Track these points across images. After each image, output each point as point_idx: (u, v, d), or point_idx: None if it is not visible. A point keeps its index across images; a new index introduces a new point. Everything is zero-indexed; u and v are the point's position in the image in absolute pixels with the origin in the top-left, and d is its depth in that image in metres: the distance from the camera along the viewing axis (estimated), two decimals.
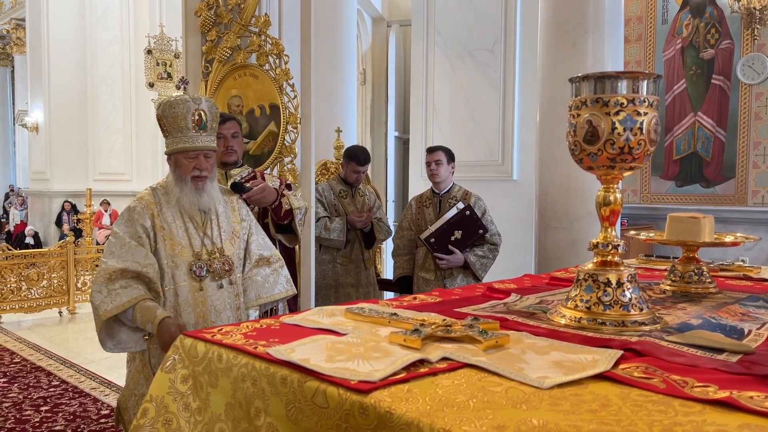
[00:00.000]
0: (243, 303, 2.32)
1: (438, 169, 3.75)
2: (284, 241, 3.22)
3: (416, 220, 3.87)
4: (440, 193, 3.83)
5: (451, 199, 3.78)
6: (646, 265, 1.98)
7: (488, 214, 3.77)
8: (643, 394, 0.82)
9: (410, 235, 3.88)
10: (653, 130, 1.20)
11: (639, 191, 7.62)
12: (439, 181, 3.78)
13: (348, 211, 4.17)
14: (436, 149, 3.85)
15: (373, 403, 0.79)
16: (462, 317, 1.20)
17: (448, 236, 3.64)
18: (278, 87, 4.23)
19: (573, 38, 4.61)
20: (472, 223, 3.65)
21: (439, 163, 3.75)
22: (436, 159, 3.76)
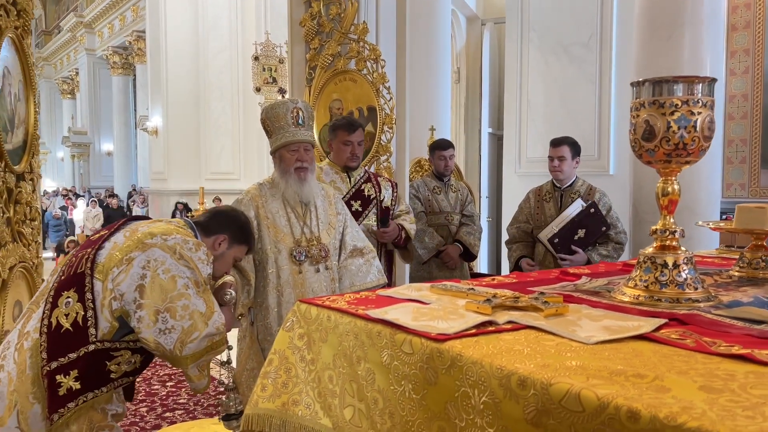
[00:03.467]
0: (338, 288, 2.59)
1: (561, 165, 3.49)
2: (400, 257, 3.59)
3: (534, 214, 3.65)
4: (562, 187, 3.58)
5: (573, 194, 3.53)
6: (725, 255, 2.05)
7: (614, 211, 3.52)
8: (673, 350, 0.98)
9: (527, 228, 3.68)
10: (707, 128, 1.33)
11: (747, 185, 7.28)
12: (562, 177, 3.53)
13: (441, 207, 4.28)
14: (560, 143, 3.54)
15: (448, 348, 1.01)
16: (532, 294, 1.39)
17: (571, 235, 3.39)
18: (375, 90, 4.51)
19: (668, 31, 4.56)
20: (596, 220, 3.40)
21: (562, 159, 3.48)
22: (560, 155, 3.48)
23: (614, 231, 3.46)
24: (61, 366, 1.67)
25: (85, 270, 1.72)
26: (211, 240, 1.97)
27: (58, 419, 1.64)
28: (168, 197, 13.54)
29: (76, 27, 20.98)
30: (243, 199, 2.58)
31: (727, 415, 0.71)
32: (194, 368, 1.78)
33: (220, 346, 1.83)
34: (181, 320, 1.69)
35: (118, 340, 1.73)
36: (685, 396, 0.78)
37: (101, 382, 1.73)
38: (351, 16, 4.49)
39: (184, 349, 1.70)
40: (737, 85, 7.32)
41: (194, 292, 1.74)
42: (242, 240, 2.08)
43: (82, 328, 1.68)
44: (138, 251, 1.73)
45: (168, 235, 1.79)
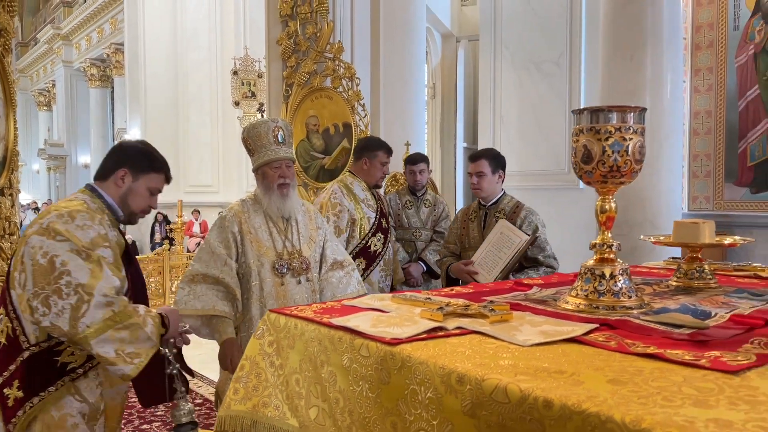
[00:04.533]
0: (319, 299, 2.70)
1: (480, 182, 3.17)
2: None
3: (461, 235, 3.36)
4: (486, 205, 3.25)
5: (498, 212, 3.19)
6: (671, 266, 2.20)
7: (543, 232, 3.13)
8: (597, 351, 1.12)
9: (455, 249, 3.39)
10: (638, 152, 1.47)
11: (711, 198, 7.53)
12: (483, 195, 3.22)
13: (411, 222, 4.28)
14: (478, 157, 3.23)
15: (399, 351, 1.13)
16: (483, 302, 1.52)
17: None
18: (350, 107, 4.65)
19: (631, 51, 4.78)
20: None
21: (481, 176, 3.17)
22: (478, 170, 3.17)
23: (542, 255, 3.08)
24: (5, 380, 1.74)
25: (5, 284, 1.78)
26: (110, 181, 1.96)
27: (13, 429, 1.71)
28: None
29: (53, 39, 20.90)
30: (227, 215, 2.69)
31: (622, 402, 0.84)
32: (102, 346, 1.70)
33: (126, 318, 1.74)
34: (67, 298, 1.68)
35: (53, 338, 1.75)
36: (595, 388, 0.91)
37: (50, 382, 1.75)
38: (327, 36, 4.64)
39: (78, 325, 1.67)
40: (701, 102, 7.60)
41: (75, 265, 1.70)
42: (146, 167, 2.00)
43: (14, 339, 1.74)
44: (22, 247, 1.76)
45: (44, 217, 1.78)
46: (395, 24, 5.78)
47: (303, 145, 4.80)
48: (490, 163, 3.16)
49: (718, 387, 0.90)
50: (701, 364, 1.01)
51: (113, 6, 17.23)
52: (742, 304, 1.52)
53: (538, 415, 0.88)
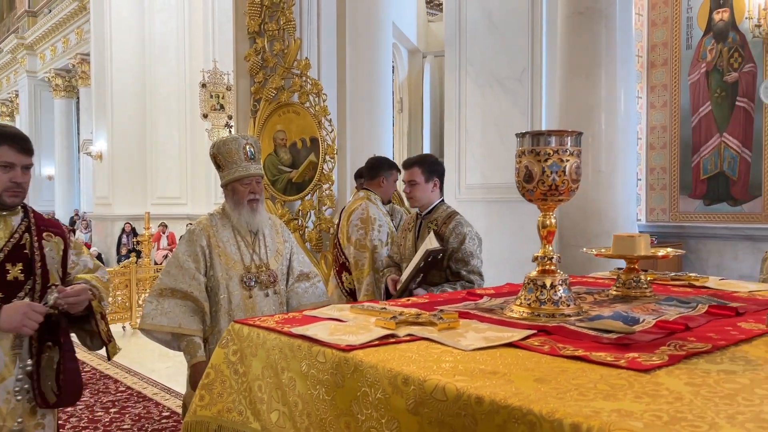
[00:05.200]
0: (286, 310, 2.79)
1: (413, 190, 3.04)
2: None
3: (399, 245, 3.29)
4: (422, 214, 3.12)
5: (431, 222, 3.04)
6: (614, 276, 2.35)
7: (469, 244, 2.94)
8: (531, 354, 1.24)
9: (397, 260, 3.29)
10: (574, 172, 1.61)
11: (668, 210, 7.82)
12: (417, 205, 3.11)
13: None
14: (411, 165, 3.09)
15: (352, 356, 1.24)
16: (434, 311, 1.63)
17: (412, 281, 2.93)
18: (317, 122, 4.76)
19: (587, 71, 4.99)
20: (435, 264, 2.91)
21: (413, 184, 3.03)
22: (411, 179, 3.04)
23: (466, 269, 2.92)
24: None
25: None
26: None
27: None
28: (113, 222, 13.39)
29: (16, 49, 20.58)
30: (195, 228, 2.76)
31: (543, 397, 0.96)
32: None
33: None
34: None
35: None
36: (522, 386, 1.02)
37: None
38: (294, 53, 4.75)
39: None
40: (657, 117, 7.90)
41: None
42: None
43: None
44: None
45: None
46: (362, 40, 5.92)
47: (271, 159, 4.89)
48: (423, 171, 3.03)
49: (628, 383, 1.03)
50: (619, 364, 1.13)
51: (79, 16, 17.07)
52: (670, 311, 1.67)
53: (471, 411, 0.99)
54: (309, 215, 4.83)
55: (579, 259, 5.34)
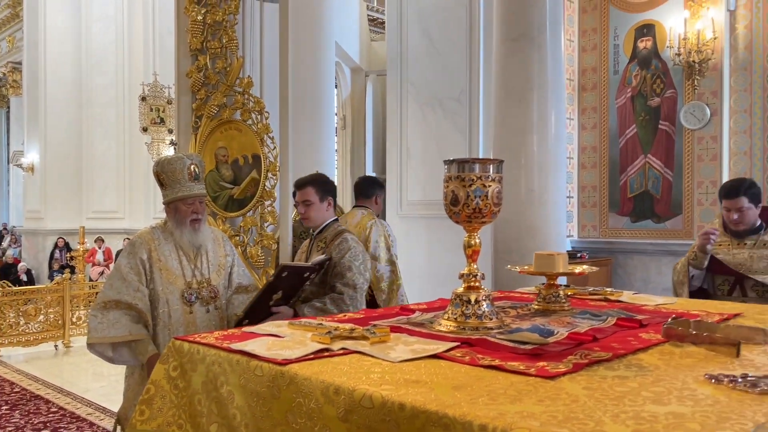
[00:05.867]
0: (227, 326, 2.83)
1: (308, 211, 3.04)
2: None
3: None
4: (314, 234, 3.14)
5: (320, 241, 3.07)
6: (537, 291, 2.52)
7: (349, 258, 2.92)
8: (452, 364, 1.36)
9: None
10: (496, 196, 1.76)
11: (598, 226, 8.22)
12: (312, 225, 3.12)
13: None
14: (304, 184, 3.08)
15: (288, 370, 1.32)
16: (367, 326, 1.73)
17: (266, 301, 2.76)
18: (260, 139, 4.82)
19: (520, 95, 5.24)
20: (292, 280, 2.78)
21: (308, 204, 3.02)
22: (304, 199, 3.04)
23: (341, 281, 2.89)
24: None
25: None
26: None
27: None
28: (45, 237, 12.92)
29: None
30: (136, 241, 2.77)
31: (457, 403, 1.07)
32: None
33: None
34: None
35: None
36: (441, 392, 1.14)
37: None
38: (236, 71, 4.80)
39: None
40: (588, 138, 8.32)
41: None
42: None
43: None
44: None
45: None
46: (305, 59, 6.01)
47: (212, 175, 4.90)
48: (317, 190, 3.03)
49: (534, 389, 1.16)
50: (529, 372, 1.26)
51: (11, 24, 16.50)
52: (583, 323, 1.83)
53: (394, 416, 1.10)
54: (251, 232, 4.86)
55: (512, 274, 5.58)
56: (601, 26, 8.08)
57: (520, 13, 5.21)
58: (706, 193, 7.24)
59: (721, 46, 7.12)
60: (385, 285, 4.13)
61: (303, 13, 5.84)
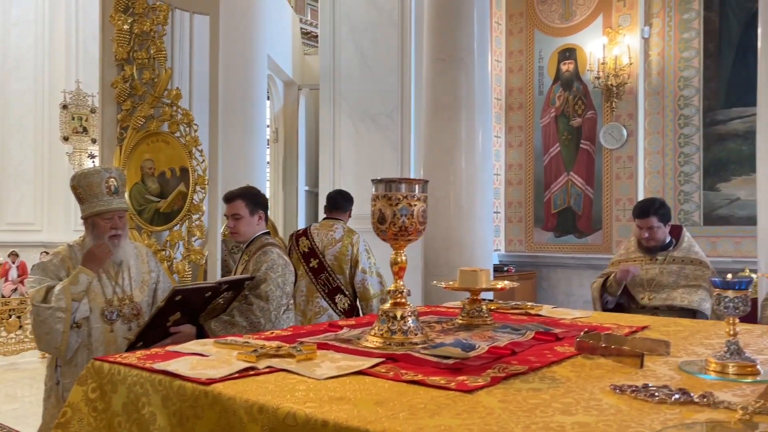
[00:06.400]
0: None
1: (237, 225, 3.04)
2: None
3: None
4: (243, 248, 3.16)
5: (246, 255, 3.09)
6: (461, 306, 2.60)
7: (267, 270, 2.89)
8: (376, 380, 1.39)
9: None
10: (421, 215, 1.81)
11: (524, 241, 8.50)
12: (241, 240, 3.11)
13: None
14: (234, 198, 3.08)
15: (212, 389, 1.32)
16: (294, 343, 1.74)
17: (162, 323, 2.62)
18: (188, 152, 4.72)
19: (449, 113, 5.39)
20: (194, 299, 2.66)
21: (237, 218, 3.03)
22: (234, 213, 3.04)
23: (254, 292, 2.85)
24: None
25: None
26: None
27: None
28: None
29: None
30: (53, 259, 2.67)
31: (377, 418, 1.10)
32: None
33: None
34: None
35: None
36: (363, 408, 1.17)
37: None
38: (165, 82, 4.70)
39: None
40: (514, 155, 8.61)
41: None
42: None
43: None
44: None
45: None
46: (236, 72, 5.96)
47: (137, 188, 4.76)
48: (247, 204, 3.02)
49: (453, 402, 1.21)
50: (449, 386, 1.31)
51: None
52: (503, 337, 1.90)
53: None
54: (177, 246, 4.75)
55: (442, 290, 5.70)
56: (526, 49, 8.41)
57: (449, 34, 5.37)
58: (623, 210, 7.63)
59: (637, 71, 7.56)
60: (376, 298, 4.29)
61: (234, 26, 5.80)
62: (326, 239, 4.46)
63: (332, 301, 4.28)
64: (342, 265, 4.33)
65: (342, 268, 4.33)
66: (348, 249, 4.31)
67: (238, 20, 6.05)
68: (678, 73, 7.47)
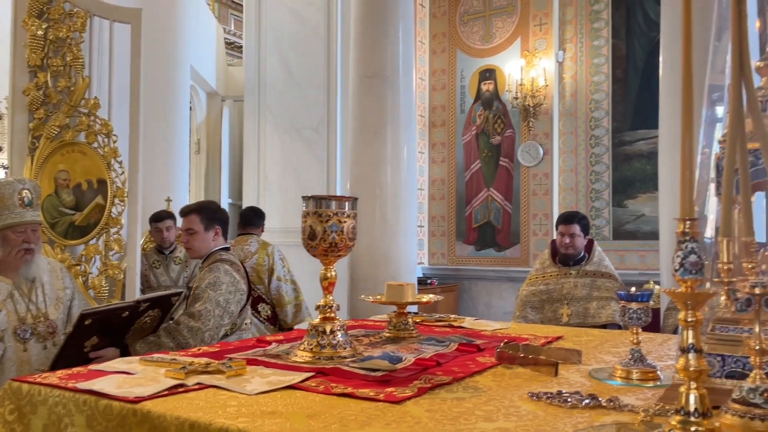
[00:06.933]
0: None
1: (191, 240, 2.99)
2: None
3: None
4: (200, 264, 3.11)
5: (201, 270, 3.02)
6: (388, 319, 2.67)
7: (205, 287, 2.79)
8: (307, 394, 1.42)
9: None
10: (351, 231, 1.86)
11: (447, 254, 8.70)
12: (195, 256, 3.08)
13: (160, 282, 4.43)
14: (189, 212, 3.03)
15: (141, 407, 1.31)
16: (223, 359, 1.74)
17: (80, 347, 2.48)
18: (106, 164, 4.58)
19: (375, 129, 5.49)
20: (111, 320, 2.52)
21: (191, 233, 2.98)
22: (188, 227, 2.99)
23: (186, 311, 2.77)
24: None
25: None
26: None
27: None
28: None
29: None
30: None
31: (311, 431, 1.14)
32: None
33: None
34: None
35: None
36: (296, 422, 1.20)
37: None
38: (82, 91, 4.54)
39: None
40: (437, 171, 8.83)
41: None
42: None
43: None
44: None
45: None
46: (158, 82, 5.83)
47: (51, 200, 4.56)
48: (202, 219, 2.96)
49: (382, 413, 1.25)
50: (378, 398, 1.36)
51: None
52: (428, 349, 1.97)
53: None
54: (94, 261, 4.57)
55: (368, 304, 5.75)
56: (449, 68, 8.68)
57: (375, 53, 5.48)
58: (540, 225, 7.98)
59: (552, 93, 7.95)
60: (290, 305, 4.60)
61: (156, 35, 5.68)
62: (243, 253, 4.58)
63: (255, 310, 4.42)
64: (260, 275, 4.55)
65: (261, 278, 4.55)
66: (265, 260, 4.58)
67: (161, 29, 5.93)
68: (589, 95, 7.93)
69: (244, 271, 3.00)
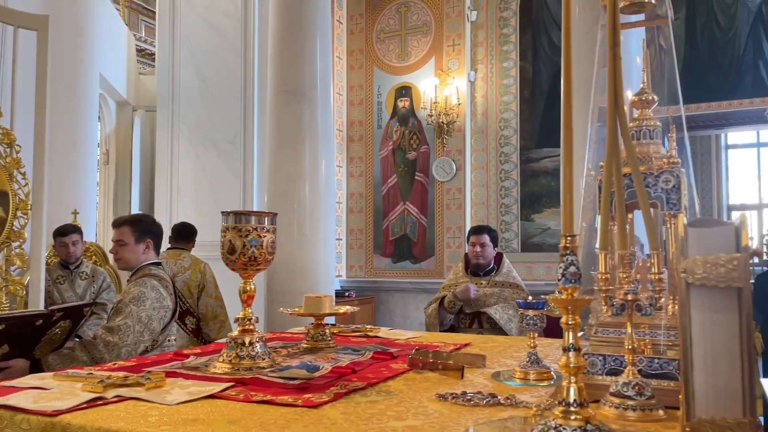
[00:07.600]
0: None
1: (120, 251, 2.95)
2: None
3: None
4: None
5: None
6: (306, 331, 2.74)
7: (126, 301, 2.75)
8: (228, 403, 1.47)
9: None
10: (270, 246, 1.93)
11: (364, 266, 8.83)
12: (124, 267, 3.02)
13: (65, 298, 4.31)
14: (121, 224, 2.99)
15: (59, 420, 1.32)
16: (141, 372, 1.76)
17: None
18: (8, 175, 4.38)
19: (293, 143, 5.54)
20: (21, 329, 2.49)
21: (121, 245, 2.95)
22: (119, 239, 2.95)
23: (106, 325, 2.73)
24: None
25: None
26: None
27: None
28: None
29: None
30: None
31: None
32: None
33: None
34: None
35: None
36: (218, 428, 1.25)
37: None
38: None
39: None
40: (355, 185, 8.96)
41: None
42: None
43: None
44: None
45: None
46: (65, 90, 5.64)
47: None
48: (134, 231, 2.93)
49: (301, 417, 1.33)
50: (296, 403, 1.44)
51: None
52: (344, 358, 2.06)
53: None
54: None
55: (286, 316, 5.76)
56: (366, 84, 8.86)
57: (293, 68, 5.55)
58: (453, 237, 8.26)
59: (464, 111, 8.29)
60: (216, 320, 4.74)
61: (64, 43, 5.50)
62: (176, 267, 4.67)
63: (182, 322, 4.52)
64: (191, 290, 4.68)
65: (191, 293, 4.68)
66: (197, 276, 4.72)
67: (68, 37, 5.75)
68: (499, 114, 8.33)
69: (172, 287, 2.97)
